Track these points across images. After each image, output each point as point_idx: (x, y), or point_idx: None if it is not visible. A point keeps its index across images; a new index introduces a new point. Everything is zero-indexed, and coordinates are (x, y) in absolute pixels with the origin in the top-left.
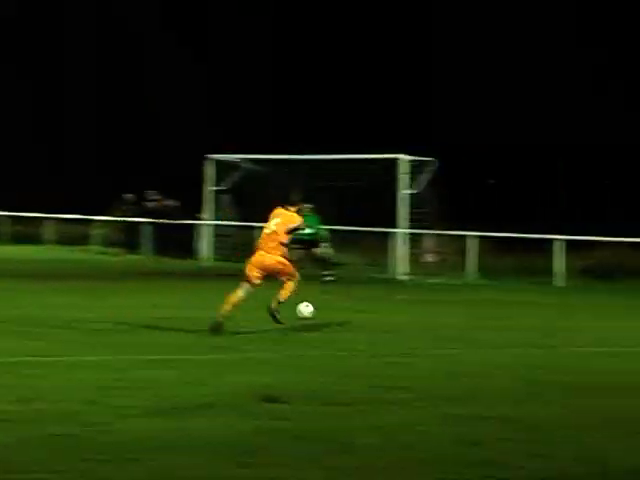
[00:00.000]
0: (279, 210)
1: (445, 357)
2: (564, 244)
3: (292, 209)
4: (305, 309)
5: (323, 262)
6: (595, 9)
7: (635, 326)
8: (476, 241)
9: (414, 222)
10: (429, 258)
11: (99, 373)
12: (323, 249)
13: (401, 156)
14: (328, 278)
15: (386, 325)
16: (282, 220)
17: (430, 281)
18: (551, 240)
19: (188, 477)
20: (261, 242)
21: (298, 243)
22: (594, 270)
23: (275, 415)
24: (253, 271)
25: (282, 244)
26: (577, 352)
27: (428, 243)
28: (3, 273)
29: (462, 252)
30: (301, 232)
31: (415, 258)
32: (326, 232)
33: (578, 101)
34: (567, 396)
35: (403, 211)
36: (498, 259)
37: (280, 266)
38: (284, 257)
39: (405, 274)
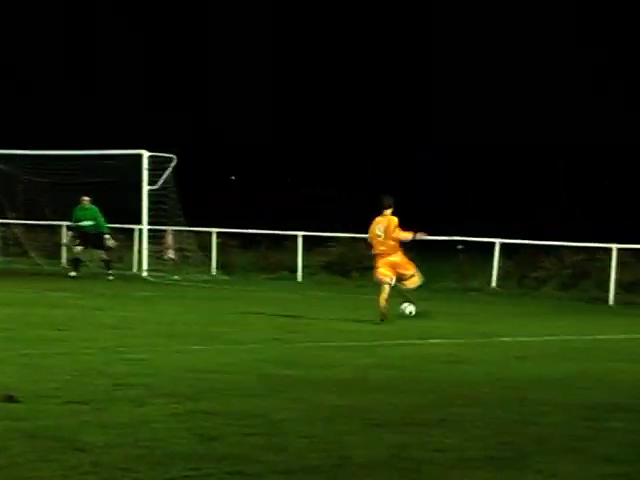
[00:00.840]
0: (379, 218)
1: (182, 353)
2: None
3: (387, 212)
4: (408, 307)
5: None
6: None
7: (366, 318)
8: (216, 237)
9: (155, 218)
10: (170, 254)
11: None
12: (109, 241)
13: (143, 152)
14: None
15: (125, 322)
16: (385, 225)
17: (172, 278)
18: (293, 236)
19: None
20: (378, 248)
21: (81, 237)
22: (332, 266)
23: (8, 415)
24: (387, 272)
25: (399, 243)
26: (313, 347)
27: (169, 239)
28: None
29: (203, 248)
30: (83, 224)
31: (158, 255)
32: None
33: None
34: (300, 390)
35: (146, 207)
36: (238, 255)
37: (405, 261)
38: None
39: (147, 270)
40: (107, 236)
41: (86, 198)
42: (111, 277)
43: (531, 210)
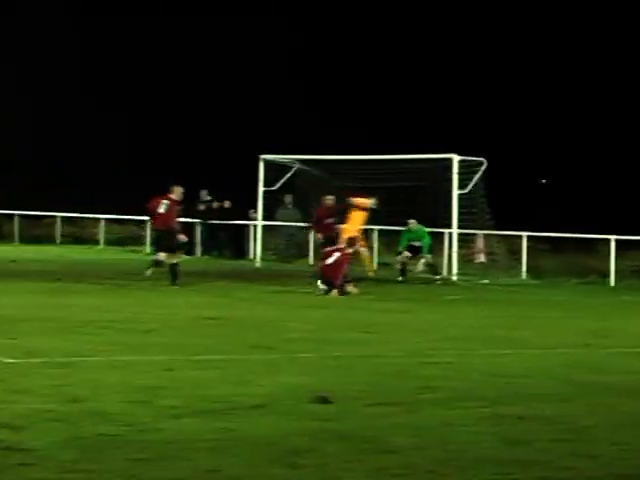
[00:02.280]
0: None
1: (489, 357)
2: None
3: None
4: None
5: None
6: None
7: None
8: (526, 241)
9: (465, 222)
10: (481, 258)
11: (147, 373)
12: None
13: (453, 156)
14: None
15: (432, 325)
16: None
17: (482, 281)
18: (605, 240)
19: (233, 477)
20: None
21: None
22: None
23: (320, 416)
24: None
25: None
26: (624, 353)
27: (479, 243)
28: (53, 274)
29: (513, 252)
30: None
31: (468, 259)
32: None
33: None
34: (607, 396)
35: (456, 212)
36: (548, 259)
37: None
38: None
39: (457, 274)
40: (428, 256)
41: (412, 221)
42: (439, 282)
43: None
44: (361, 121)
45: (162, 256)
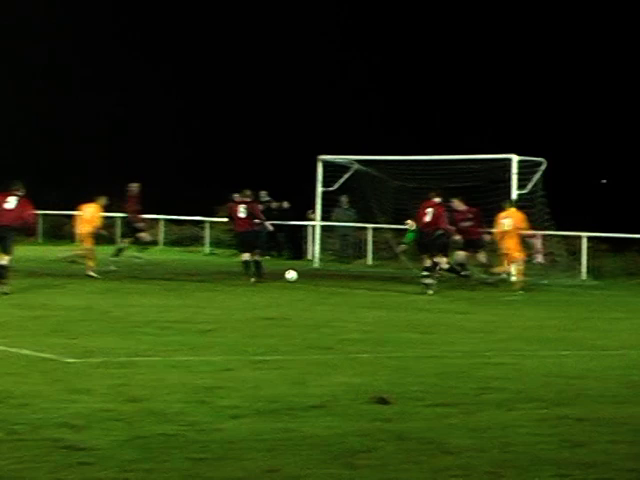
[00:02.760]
0: (509, 212)
1: (549, 358)
2: None
3: (513, 209)
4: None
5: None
6: None
7: None
8: (586, 242)
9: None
10: (539, 259)
11: (206, 373)
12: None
13: (512, 156)
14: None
15: (490, 326)
16: (513, 220)
17: (541, 282)
18: None
19: (291, 477)
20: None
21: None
22: None
23: (378, 416)
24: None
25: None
26: None
27: (537, 244)
28: (114, 275)
29: (573, 253)
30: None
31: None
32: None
33: None
34: None
35: None
36: (608, 260)
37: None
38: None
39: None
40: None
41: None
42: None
43: None
44: (420, 122)
45: (246, 256)
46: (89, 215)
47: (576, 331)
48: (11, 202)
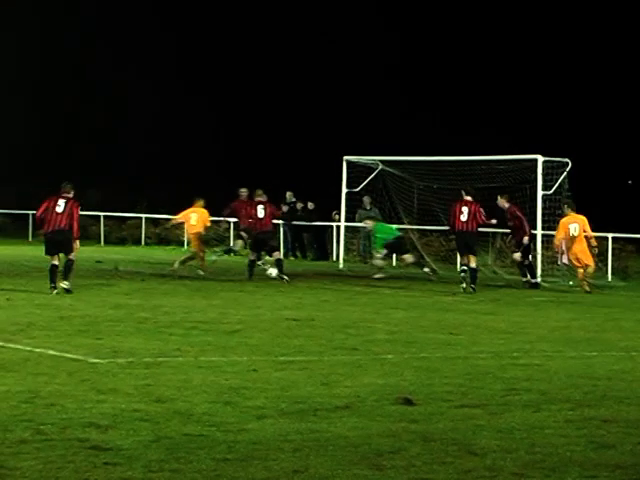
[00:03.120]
0: (573, 216)
1: (576, 359)
2: None
3: (572, 213)
4: None
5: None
6: None
7: None
8: (611, 242)
9: (549, 223)
10: (565, 260)
11: (233, 374)
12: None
13: (538, 157)
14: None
15: (517, 327)
16: (579, 225)
17: (567, 283)
18: None
19: (318, 477)
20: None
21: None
22: None
23: (404, 417)
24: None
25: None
26: None
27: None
28: (137, 275)
29: (599, 254)
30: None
31: (553, 260)
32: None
33: None
34: None
35: (540, 213)
36: (635, 261)
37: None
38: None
39: (541, 276)
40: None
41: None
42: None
43: None
44: (445, 122)
45: (277, 255)
46: (195, 219)
47: (602, 332)
48: (61, 205)
